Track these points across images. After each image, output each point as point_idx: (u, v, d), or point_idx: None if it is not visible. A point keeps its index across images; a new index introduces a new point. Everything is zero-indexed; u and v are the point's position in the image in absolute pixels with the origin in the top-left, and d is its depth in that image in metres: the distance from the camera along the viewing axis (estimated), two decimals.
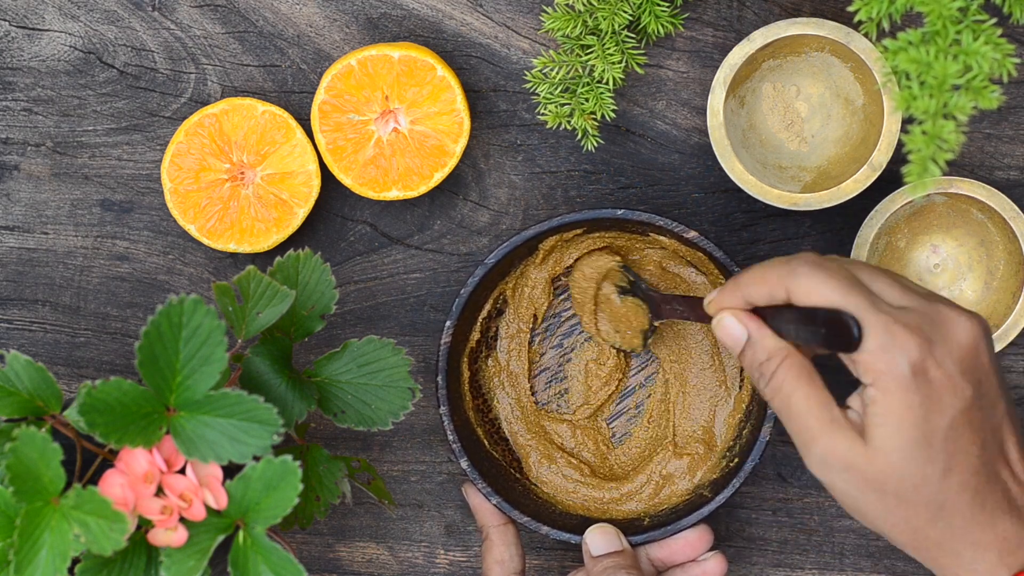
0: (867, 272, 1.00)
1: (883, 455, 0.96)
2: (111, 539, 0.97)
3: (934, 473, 0.96)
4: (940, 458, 0.96)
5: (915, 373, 0.95)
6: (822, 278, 0.97)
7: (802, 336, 0.98)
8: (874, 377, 0.96)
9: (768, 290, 1.00)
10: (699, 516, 1.13)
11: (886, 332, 0.95)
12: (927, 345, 0.95)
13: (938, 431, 0.95)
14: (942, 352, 0.96)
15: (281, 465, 1.00)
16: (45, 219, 1.19)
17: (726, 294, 1.02)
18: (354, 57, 1.14)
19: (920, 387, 0.95)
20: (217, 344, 0.99)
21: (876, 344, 0.95)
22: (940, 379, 0.95)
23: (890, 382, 0.95)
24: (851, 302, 0.96)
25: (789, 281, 0.98)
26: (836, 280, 0.97)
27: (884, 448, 0.95)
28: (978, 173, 1.18)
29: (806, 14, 1.17)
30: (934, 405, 0.95)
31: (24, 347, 1.19)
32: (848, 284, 0.97)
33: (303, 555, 1.20)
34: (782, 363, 0.99)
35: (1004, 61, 0.99)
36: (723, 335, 1.02)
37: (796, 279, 0.98)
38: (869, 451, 0.96)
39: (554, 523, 1.14)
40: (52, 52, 1.19)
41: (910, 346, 0.95)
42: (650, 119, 1.18)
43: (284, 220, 1.16)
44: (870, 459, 0.96)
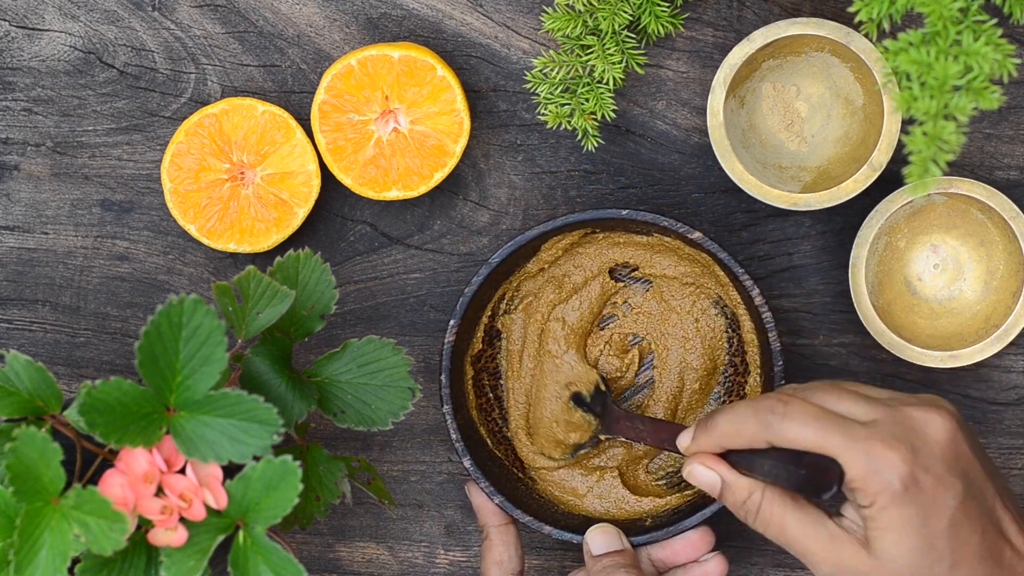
0: (829, 394, 1.02)
1: (890, 563, 0.99)
2: (111, 539, 0.97)
3: (942, 571, 0.98)
4: (946, 556, 0.98)
5: (906, 486, 0.98)
6: (797, 424, 1.00)
7: (781, 477, 1.01)
8: (870, 499, 0.98)
9: (745, 441, 1.03)
10: (701, 517, 1.13)
11: (868, 456, 0.98)
12: (910, 455, 0.98)
13: (939, 532, 0.98)
14: (925, 456, 0.99)
15: (281, 465, 1.00)
16: (45, 219, 1.19)
17: (701, 442, 1.05)
18: (354, 57, 1.14)
19: (914, 497, 0.98)
20: (217, 344, 0.99)
21: (863, 471, 0.98)
22: (931, 484, 0.98)
23: (885, 500, 0.98)
24: (829, 440, 0.99)
25: (766, 433, 1.01)
26: (805, 419, 1.00)
27: (889, 557, 0.98)
28: (978, 173, 1.18)
29: (806, 14, 1.17)
30: (930, 510, 0.98)
31: (24, 347, 1.19)
32: (820, 422, 1.00)
33: (303, 555, 1.20)
34: (764, 496, 1.02)
35: (1004, 62, 0.99)
36: (696, 483, 1.06)
37: (772, 431, 1.01)
38: (875, 561, 0.99)
39: (556, 523, 1.14)
40: (52, 52, 1.19)
41: (895, 462, 0.98)
42: (650, 119, 1.18)
43: (284, 220, 1.16)
44: (877, 568, 0.99)
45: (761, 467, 1.02)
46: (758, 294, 1.12)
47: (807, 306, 1.19)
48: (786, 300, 1.19)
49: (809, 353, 1.19)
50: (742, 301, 1.15)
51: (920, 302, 1.17)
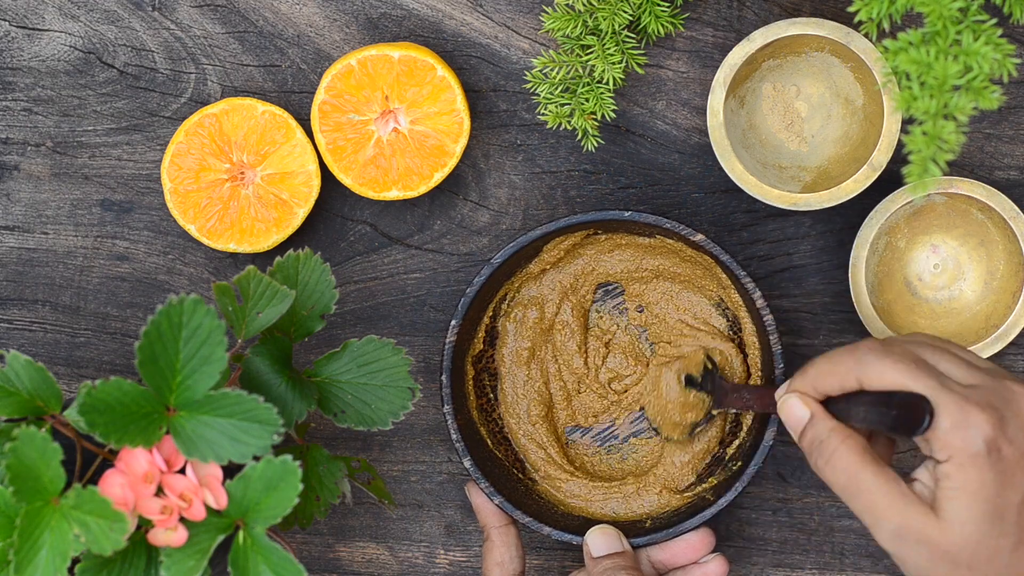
0: (932, 352, 1.02)
1: (957, 528, 0.98)
2: (111, 539, 0.97)
3: (1007, 546, 0.98)
4: (1012, 532, 0.98)
5: (989, 450, 0.97)
6: (890, 363, 1.00)
7: (873, 419, 1.01)
8: (949, 454, 0.98)
9: (839, 380, 1.02)
10: (701, 519, 1.13)
11: (959, 411, 0.98)
12: (1000, 423, 0.98)
13: (1011, 506, 0.98)
14: (1014, 429, 0.98)
15: (281, 465, 1.00)
16: (45, 219, 1.19)
17: (797, 382, 1.05)
18: (354, 57, 1.14)
19: (994, 463, 0.97)
20: (217, 344, 0.99)
21: (950, 423, 0.97)
22: (1013, 456, 0.98)
23: (965, 459, 0.97)
24: (921, 384, 0.99)
25: (858, 370, 1.01)
26: (904, 364, 1.00)
27: (958, 521, 0.98)
28: (978, 173, 1.18)
29: (806, 14, 1.17)
30: (1007, 481, 0.97)
31: (24, 347, 1.19)
32: (916, 366, 0.99)
33: (303, 555, 1.20)
34: (844, 441, 1.01)
35: (1004, 61, 0.99)
36: (787, 414, 1.05)
37: (865, 367, 1.01)
38: (943, 524, 0.98)
39: (556, 524, 1.14)
40: (52, 52, 1.19)
41: (983, 423, 0.97)
42: (650, 119, 1.18)
43: (284, 220, 1.16)
44: (944, 532, 0.98)
45: (856, 414, 1.01)
46: (760, 296, 1.12)
47: (807, 306, 1.19)
48: (786, 300, 1.19)
49: (809, 353, 1.19)
50: (744, 303, 1.15)
51: (920, 302, 1.17)
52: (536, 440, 1.18)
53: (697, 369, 1.16)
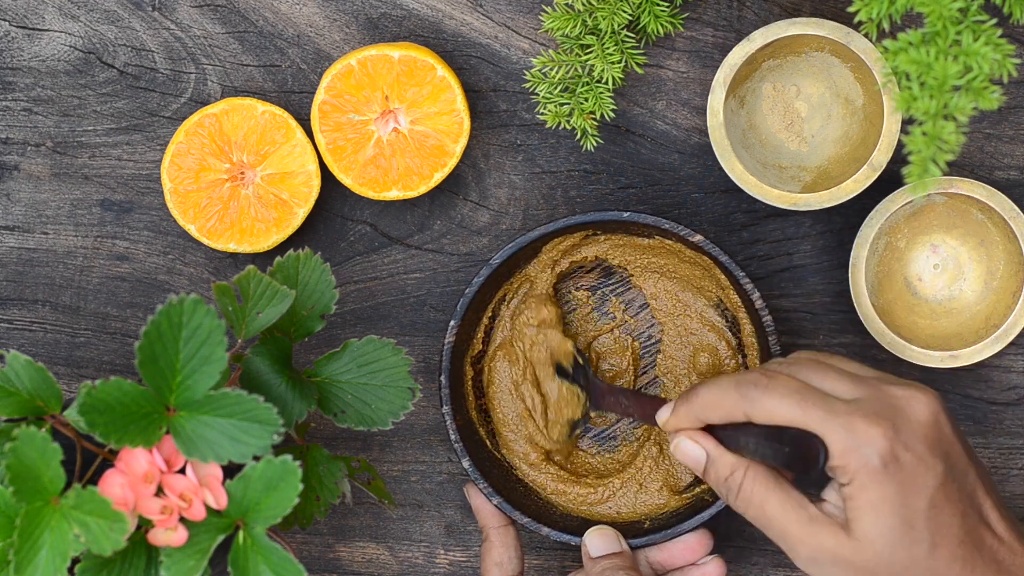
0: (815, 372, 1.02)
1: (869, 544, 0.98)
2: (111, 539, 0.97)
3: (921, 552, 0.98)
4: (925, 537, 0.98)
5: (886, 463, 0.97)
6: (776, 398, 1.00)
7: (767, 454, 1.01)
8: (849, 476, 0.98)
9: (725, 414, 1.02)
10: (699, 520, 1.13)
11: (848, 432, 0.98)
12: (892, 432, 0.98)
13: (919, 512, 0.97)
14: (907, 434, 0.98)
15: (281, 465, 1.00)
16: (45, 219, 1.19)
17: (681, 415, 1.05)
18: (354, 57, 1.14)
19: (894, 475, 0.97)
20: (217, 344, 0.99)
21: (843, 447, 0.98)
22: (911, 462, 0.98)
23: (864, 477, 0.97)
24: (809, 415, 0.99)
25: (744, 406, 1.01)
26: (791, 397, 0.99)
27: (869, 537, 0.98)
28: (978, 173, 1.18)
29: (806, 14, 1.17)
30: (910, 488, 0.97)
31: (24, 347, 1.19)
32: (801, 397, 0.99)
33: (303, 555, 1.20)
34: (746, 474, 1.02)
35: (1004, 61, 0.99)
36: (682, 457, 1.05)
37: (751, 403, 1.01)
38: (854, 542, 0.98)
39: (555, 524, 1.14)
40: (52, 52, 1.19)
41: (876, 438, 0.97)
42: (650, 119, 1.18)
43: (284, 220, 1.16)
44: (857, 550, 0.98)
45: (746, 445, 1.02)
46: (759, 298, 1.12)
47: (807, 306, 1.19)
48: (786, 300, 1.19)
49: None
50: (743, 304, 1.15)
51: (920, 302, 1.17)
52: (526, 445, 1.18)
53: (567, 360, 1.15)
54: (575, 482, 1.17)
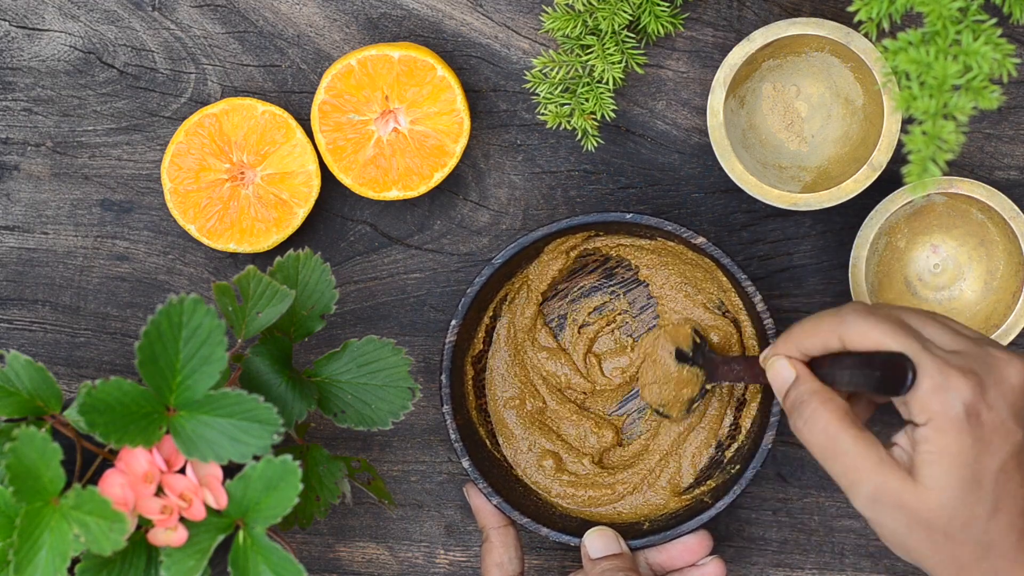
0: (917, 317, 1.01)
1: (934, 492, 0.97)
2: (111, 539, 0.97)
3: (983, 513, 0.97)
4: (989, 498, 0.97)
5: (968, 415, 0.97)
6: (873, 323, 0.99)
7: (857, 381, 1.00)
8: (928, 417, 0.97)
9: (822, 340, 1.02)
10: (699, 522, 1.13)
11: (940, 374, 0.97)
12: (980, 388, 0.97)
13: (988, 472, 0.97)
14: (994, 395, 0.98)
15: (281, 465, 1.00)
16: (45, 219, 1.19)
17: (781, 345, 1.05)
18: (354, 57, 1.14)
19: (973, 428, 0.97)
20: (217, 344, 0.99)
21: (930, 385, 0.97)
22: (992, 422, 0.97)
23: (944, 422, 0.97)
24: (904, 345, 0.98)
25: (841, 330, 1.01)
26: (887, 324, 0.99)
27: (935, 486, 0.97)
28: (978, 173, 1.18)
29: (806, 14, 1.17)
30: (985, 447, 0.97)
31: (24, 347, 1.19)
32: (900, 328, 0.99)
33: (303, 555, 1.20)
34: (824, 403, 1.01)
35: (1004, 61, 0.99)
36: (773, 375, 1.05)
37: (848, 327, 1.00)
38: (919, 488, 0.98)
39: (554, 525, 1.14)
40: (52, 52, 1.19)
41: (964, 388, 0.97)
42: (650, 119, 1.18)
43: (284, 220, 1.16)
44: (920, 496, 0.97)
45: (841, 377, 1.01)
46: (760, 300, 1.12)
47: (807, 306, 1.19)
48: (786, 300, 1.19)
49: None
50: (744, 307, 1.15)
51: (920, 302, 1.17)
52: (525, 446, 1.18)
53: (687, 343, 1.16)
54: (578, 485, 1.17)
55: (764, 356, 1.07)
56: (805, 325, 1.03)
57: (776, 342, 1.05)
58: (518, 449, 1.18)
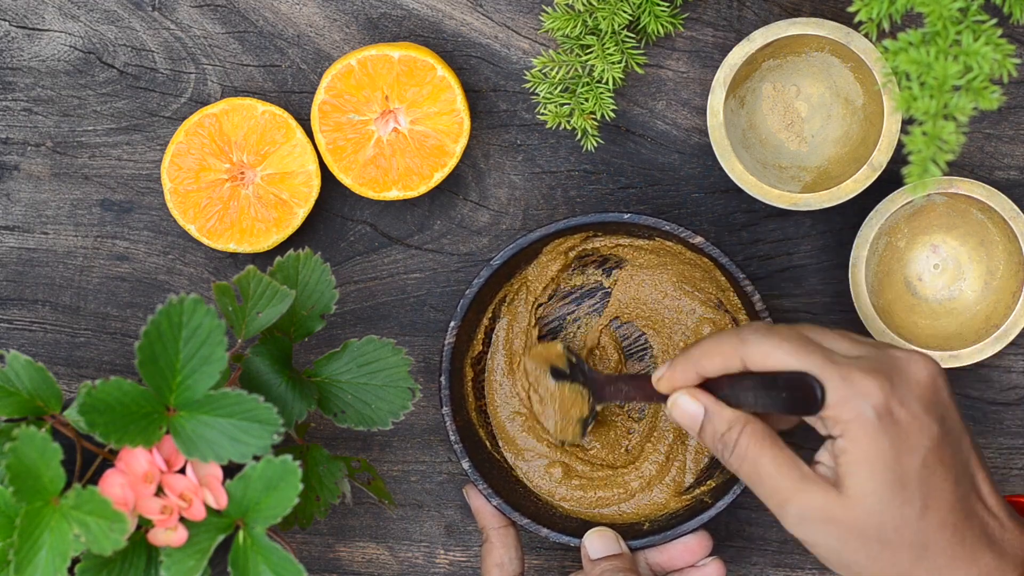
0: (816, 331, 1.01)
1: (860, 501, 0.96)
2: (111, 539, 0.97)
3: (912, 513, 0.96)
4: (916, 498, 0.96)
5: (880, 416, 0.96)
6: (775, 342, 0.99)
7: (762, 403, 1.00)
8: (842, 428, 0.96)
9: (722, 361, 1.01)
10: (699, 522, 1.13)
11: (845, 381, 0.96)
12: (888, 386, 0.97)
13: (911, 471, 0.96)
14: (903, 391, 0.97)
15: (281, 465, 1.00)
16: (45, 219, 1.19)
17: (677, 370, 1.04)
18: (354, 57, 1.14)
19: (888, 429, 0.96)
20: (217, 344, 0.99)
21: (838, 396, 0.96)
22: (906, 419, 0.96)
23: (857, 429, 0.96)
24: (807, 361, 0.97)
25: (742, 350, 1.00)
26: (789, 342, 0.98)
27: (860, 494, 0.96)
28: (978, 173, 1.18)
29: (806, 14, 1.17)
30: (904, 445, 0.96)
31: (24, 347, 1.19)
32: (800, 344, 0.98)
33: (303, 555, 1.20)
34: (743, 430, 1.00)
35: (1004, 61, 0.99)
36: (679, 414, 1.04)
37: (748, 347, 0.99)
38: (845, 500, 0.97)
39: (554, 525, 1.14)
40: (52, 52, 1.19)
41: (872, 390, 0.96)
42: (650, 119, 1.18)
43: (284, 220, 1.16)
44: (847, 507, 0.97)
45: (746, 399, 1.00)
46: (759, 300, 1.12)
47: (807, 306, 1.19)
48: (786, 300, 1.19)
49: None
50: (743, 306, 1.15)
51: (920, 302, 1.17)
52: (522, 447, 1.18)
53: (560, 361, 1.15)
54: (580, 487, 1.17)
55: (658, 379, 1.05)
56: (703, 347, 1.02)
57: (672, 365, 1.04)
58: (523, 458, 1.18)
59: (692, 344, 1.03)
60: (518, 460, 1.18)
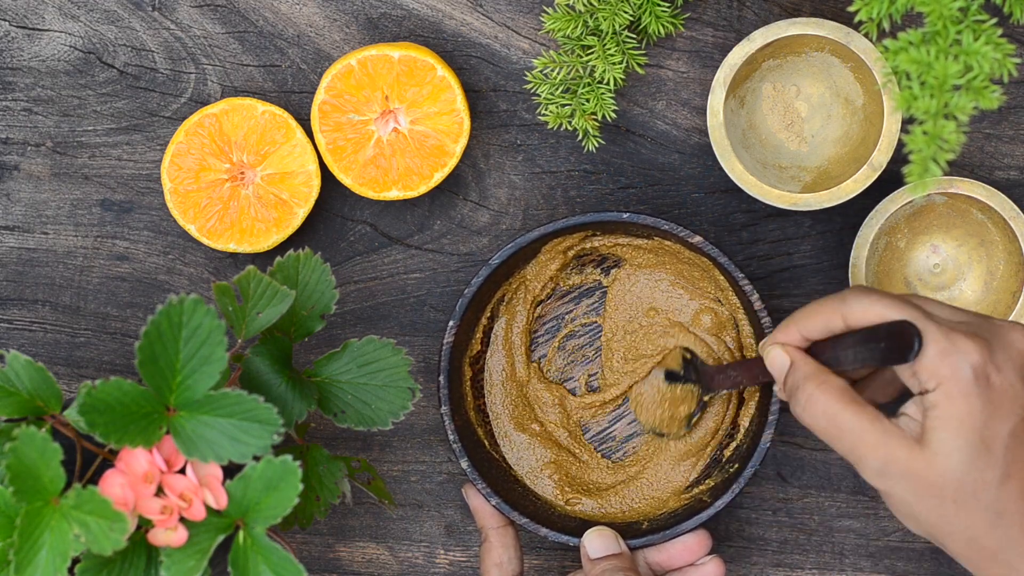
0: (918, 297, 1.01)
1: (943, 459, 0.96)
2: (111, 539, 0.97)
3: (993, 479, 0.96)
4: (999, 464, 0.96)
5: (977, 377, 0.96)
6: (875, 298, 0.99)
7: (863, 356, 1.00)
8: (937, 382, 0.96)
9: (823, 321, 1.01)
10: (698, 521, 1.13)
11: (946, 338, 0.96)
12: (987, 351, 0.96)
13: (999, 437, 0.96)
14: (1002, 358, 0.97)
15: (281, 465, 1.00)
16: (45, 219, 1.19)
17: (781, 332, 1.04)
18: (354, 57, 1.14)
19: (982, 392, 0.96)
20: (217, 344, 0.99)
21: (937, 349, 0.96)
22: (1001, 385, 0.96)
23: (952, 386, 0.96)
24: (907, 314, 0.98)
25: (844, 309, 1.00)
26: (889, 298, 0.99)
27: (944, 452, 0.96)
28: (978, 173, 1.18)
29: (806, 14, 1.17)
30: (995, 411, 0.96)
31: (24, 347, 1.19)
32: (901, 300, 0.99)
33: (303, 555, 1.20)
34: (819, 386, 1.00)
35: (1004, 61, 0.99)
36: (769, 364, 1.04)
37: (849, 305, 1.00)
38: (928, 455, 0.96)
39: (553, 525, 1.14)
40: (52, 52, 1.19)
41: (971, 351, 0.96)
42: (650, 119, 1.18)
43: (284, 220, 1.16)
44: (930, 463, 0.96)
45: (846, 357, 1.00)
46: (757, 299, 1.12)
47: None
48: (786, 300, 1.19)
49: None
50: (741, 305, 1.15)
51: None
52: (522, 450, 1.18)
53: (676, 363, 1.15)
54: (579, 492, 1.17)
55: (763, 344, 1.06)
56: (806, 309, 1.03)
57: (777, 329, 1.05)
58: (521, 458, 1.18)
59: (794, 311, 1.04)
60: (517, 460, 1.18)
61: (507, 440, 1.18)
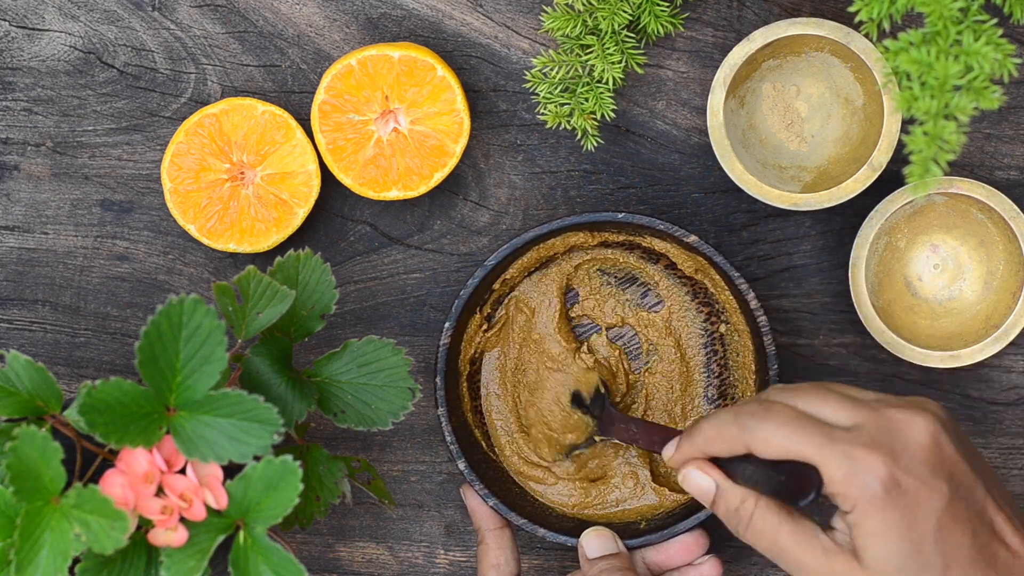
0: (812, 397, 1.01)
1: (880, 572, 0.97)
2: (112, 537, 0.97)
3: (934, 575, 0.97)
4: (935, 560, 0.97)
5: (887, 489, 0.97)
6: (773, 427, 0.99)
7: (762, 482, 1.01)
8: (851, 504, 0.97)
9: (727, 446, 1.02)
10: (695, 521, 1.13)
11: (848, 460, 0.97)
12: (890, 458, 0.97)
13: (927, 536, 0.97)
14: (907, 460, 0.97)
15: (281, 465, 1.00)
16: (45, 219, 1.19)
17: (685, 449, 1.04)
18: (354, 57, 1.14)
19: (896, 500, 0.97)
20: (217, 344, 0.99)
21: (842, 474, 0.97)
22: (913, 486, 0.97)
23: (867, 505, 0.97)
24: (807, 443, 0.98)
25: (745, 438, 1.00)
26: (788, 426, 0.99)
27: (879, 565, 0.97)
28: (978, 173, 1.18)
29: (806, 14, 1.17)
30: (915, 513, 0.97)
31: (24, 347, 1.19)
32: (799, 425, 0.99)
33: (303, 555, 1.20)
34: (757, 505, 1.01)
35: (1005, 61, 0.99)
36: (691, 488, 1.04)
37: (749, 434, 1.00)
38: (866, 570, 0.98)
39: (551, 526, 1.14)
40: (52, 52, 1.19)
41: (875, 466, 0.97)
42: (650, 119, 1.18)
43: (284, 220, 1.16)
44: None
45: (743, 473, 1.01)
46: (753, 297, 1.12)
47: (807, 306, 1.19)
48: (786, 300, 1.19)
49: (809, 353, 1.19)
50: (738, 305, 1.15)
51: (920, 302, 1.17)
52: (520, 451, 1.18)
53: (588, 390, 1.16)
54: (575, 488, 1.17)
55: (668, 456, 1.06)
56: (709, 429, 1.03)
57: (681, 442, 1.04)
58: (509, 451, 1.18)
59: (696, 424, 1.03)
60: (512, 458, 1.18)
61: (503, 445, 1.18)
